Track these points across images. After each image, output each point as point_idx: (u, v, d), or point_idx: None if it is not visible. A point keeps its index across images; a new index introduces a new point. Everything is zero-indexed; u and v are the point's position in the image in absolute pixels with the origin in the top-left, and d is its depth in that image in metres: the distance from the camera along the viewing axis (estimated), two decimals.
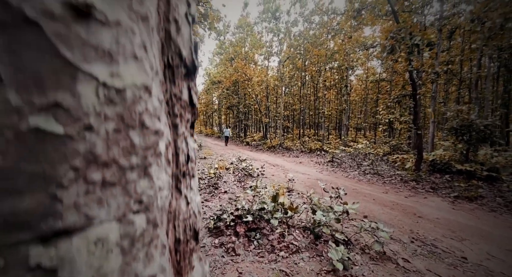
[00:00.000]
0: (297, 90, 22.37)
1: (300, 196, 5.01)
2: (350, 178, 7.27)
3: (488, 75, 10.70)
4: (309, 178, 6.91)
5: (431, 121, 7.71)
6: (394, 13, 5.95)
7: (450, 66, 12.17)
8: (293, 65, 20.15)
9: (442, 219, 3.89)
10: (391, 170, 7.80)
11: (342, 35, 15.86)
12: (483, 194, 5.19)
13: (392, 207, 4.43)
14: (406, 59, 5.45)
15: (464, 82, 14.14)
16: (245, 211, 3.32)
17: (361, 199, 4.88)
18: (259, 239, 2.99)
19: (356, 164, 9.31)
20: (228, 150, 13.94)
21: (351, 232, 3.21)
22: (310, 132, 22.71)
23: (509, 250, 2.88)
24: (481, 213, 4.29)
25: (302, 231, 3.22)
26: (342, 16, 15.15)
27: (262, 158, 11.16)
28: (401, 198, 5.12)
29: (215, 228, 3.30)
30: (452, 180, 6.42)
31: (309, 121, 25.05)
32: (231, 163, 7.89)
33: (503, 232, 3.43)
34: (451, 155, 6.93)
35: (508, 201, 4.77)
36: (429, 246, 2.90)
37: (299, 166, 9.25)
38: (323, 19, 16.79)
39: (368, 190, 5.67)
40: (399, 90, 10.10)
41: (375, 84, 19.48)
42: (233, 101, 23.15)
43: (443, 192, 5.58)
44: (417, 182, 6.33)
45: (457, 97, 14.74)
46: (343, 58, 15.74)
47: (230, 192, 5.18)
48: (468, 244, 3.00)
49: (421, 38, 5.33)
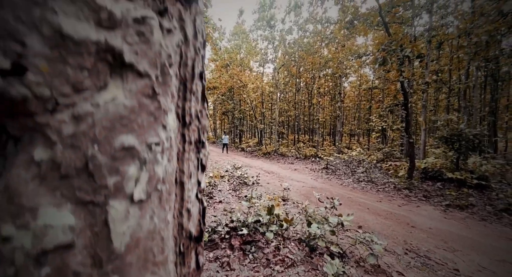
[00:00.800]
0: (292, 96, 22.61)
1: (295, 205, 5.01)
2: (345, 185, 7.33)
3: (475, 84, 11.07)
4: (304, 186, 6.93)
5: (422, 129, 7.89)
6: (385, 25, 6.14)
7: (440, 75, 12.56)
8: (288, 72, 20.42)
9: (435, 229, 3.94)
10: (385, 178, 7.90)
11: (335, 43, 16.23)
12: (473, 202, 5.30)
13: (386, 217, 4.47)
14: (398, 70, 5.61)
15: (453, 90, 14.59)
16: (240, 223, 3.31)
17: (355, 209, 4.91)
18: (254, 253, 2.97)
19: (350, 171, 9.40)
20: (223, 157, 13.89)
21: (346, 244, 3.22)
22: (305, 137, 22.89)
23: (499, 260, 2.94)
24: (472, 222, 4.37)
25: (298, 243, 3.21)
26: (336, 25, 15.54)
27: (257, 165, 11.16)
28: (394, 207, 5.18)
29: (210, 241, 3.26)
30: (443, 188, 6.54)
31: (304, 127, 25.28)
32: (226, 171, 7.86)
33: (493, 241, 3.50)
34: (442, 163, 7.08)
35: (497, 209, 4.88)
36: (422, 258, 2.93)
37: (294, 174, 9.27)
38: (317, 27, 17.15)
39: (363, 199, 5.72)
40: (391, 100, 10.36)
41: (367, 92, 19.87)
42: (228, 107, 23.21)
43: (435, 200, 5.68)
44: (410, 190, 6.42)
45: (446, 105, 15.16)
46: (336, 66, 16.07)
47: (225, 202, 5.14)
48: (460, 255, 3.04)
49: (411, 50, 5.50)
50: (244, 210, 3.77)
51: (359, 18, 8.16)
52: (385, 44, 5.26)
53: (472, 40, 4.72)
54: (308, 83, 19.86)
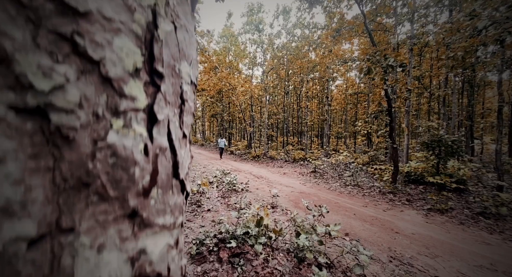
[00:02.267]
0: (281, 99, 22.81)
1: (284, 213, 5.03)
2: (332, 190, 7.46)
3: (453, 90, 11.67)
4: (293, 192, 6.99)
5: (406, 134, 8.20)
6: (370, 35, 6.36)
7: (421, 81, 13.13)
8: (277, 75, 20.60)
9: (417, 234, 4.09)
10: (370, 182, 8.12)
11: (322, 48, 16.56)
12: (452, 206, 5.55)
13: (371, 223, 4.59)
14: (382, 79, 5.81)
15: (433, 95, 15.30)
16: (229, 234, 3.28)
17: (342, 214, 5.01)
18: (243, 265, 2.95)
19: (337, 175, 9.59)
20: (212, 161, 13.75)
21: (333, 253, 3.27)
22: (294, 140, 23.15)
23: (477, 266, 3.09)
24: (451, 226, 4.57)
25: (286, 253, 3.23)
26: (323, 30, 15.88)
27: (247, 169, 11.13)
28: (379, 211, 5.33)
29: (198, 254, 3.20)
30: (425, 191, 6.82)
31: (293, 129, 25.56)
32: (215, 177, 7.78)
33: (471, 246, 3.68)
34: (424, 167, 7.38)
35: (474, 213, 5.15)
36: (406, 266, 3.03)
37: (283, 178, 9.33)
38: (305, 32, 17.44)
39: (349, 204, 5.84)
40: (375, 106, 10.70)
41: (354, 96, 20.41)
42: (217, 109, 23.05)
43: (417, 204, 5.90)
44: (394, 194, 6.64)
45: (428, 109, 15.85)
46: (324, 70, 16.39)
47: (213, 211, 5.08)
48: (441, 261, 3.17)
49: (394, 60, 5.71)
50: (233, 221, 3.74)
51: (345, 28, 8.38)
52: (369, 54, 5.45)
53: (449, 55, 5.00)
54: (297, 87, 20.11)
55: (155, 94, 0.29)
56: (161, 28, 0.29)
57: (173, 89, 0.32)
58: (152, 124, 0.28)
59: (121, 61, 0.25)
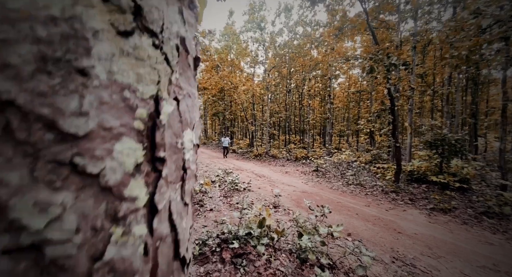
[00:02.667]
0: (282, 97, 22.74)
1: (286, 212, 5.05)
2: (334, 189, 7.46)
3: (457, 88, 11.55)
4: (295, 191, 7.00)
5: (409, 133, 8.15)
6: (373, 34, 6.30)
7: (424, 78, 13.00)
8: (279, 73, 20.51)
9: (420, 234, 4.09)
10: (373, 181, 8.10)
11: (324, 46, 16.45)
12: (455, 205, 5.53)
13: (374, 222, 4.59)
14: (384, 77, 5.77)
15: (437, 92, 15.15)
16: (232, 235, 3.30)
17: (345, 214, 5.01)
18: (246, 266, 2.97)
19: (339, 174, 9.57)
20: (214, 159, 13.79)
21: (335, 254, 3.28)
22: (296, 138, 23.11)
23: (480, 267, 3.08)
24: (454, 226, 4.56)
25: (289, 254, 3.24)
26: (325, 28, 15.75)
27: (249, 168, 11.15)
28: (382, 211, 5.32)
29: (200, 255, 3.23)
30: (428, 190, 6.79)
31: (295, 127, 25.50)
32: (217, 176, 7.81)
33: (474, 247, 3.67)
34: (427, 166, 7.34)
35: (478, 212, 5.12)
36: (408, 267, 3.03)
37: (285, 177, 9.34)
38: (307, 30, 17.32)
39: (352, 203, 5.84)
40: (378, 105, 10.64)
41: (356, 94, 20.30)
42: (219, 108, 23.06)
43: (420, 203, 5.88)
44: (397, 193, 6.62)
45: (431, 107, 15.71)
46: (326, 68, 16.31)
47: (216, 210, 5.11)
48: (444, 262, 3.17)
49: (397, 58, 5.66)
50: (235, 221, 3.76)
51: (347, 26, 8.31)
52: (372, 53, 5.40)
53: (453, 53, 4.94)
54: (299, 85, 20.03)
55: (157, 181, 0.28)
56: (164, 112, 0.29)
57: (175, 165, 0.31)
58: (153, 215, 0.27)
59: (121, 165, 0.24)
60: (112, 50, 0.23)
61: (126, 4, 0.24)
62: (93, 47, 0.22)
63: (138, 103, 0.26)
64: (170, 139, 0.30)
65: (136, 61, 0.25)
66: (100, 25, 0.22)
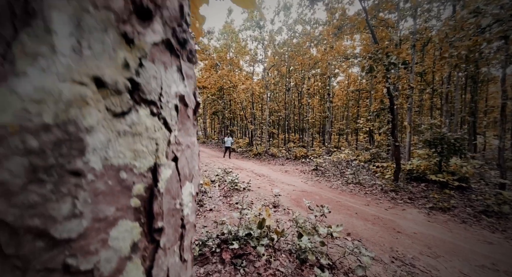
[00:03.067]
0: (282, 95, 22.72)
1: (286, 212, 5.05)
2: (334, 188, 7.47)
3: (456, 86, 11.55)
4: (294, 190, 7.01)
5: (408, 132, 8.15)
6: (372, 33, 6.27)
7: (424, 76, 12.98)
8: (278, 72, 20.47)
9: (419, 233, 4.10)
10: (372, 179, 8.12)
11: (324, 44, 16.41)
12: (455, 204, 5.55)
13: (373, 222, 4.60)
14: (384, 76, 5.76)
15: (436, 91, 15.16)
16: (231, 235, 3.30)
17: (344, 213, 5.02)
18: (245, 267, 2.98)
19: (339, 172, 9.59)
20: (213, 159, 13.79)
21: (335, 254, 3.29)
22: (295, 137, 23.12)
23: (478, 266, 3.10)
24: (453, 225, 4.58)
25: (288, 254, 3.25)
26: (324, 26, 15.70)
27: (248, 167, 11.16)
28: (381, 210, 5.34)
29: (200, 255, 3.24)
30: (427, 189, 6.81)
31: (294, 126, 25.51)
32: (217, 175, 7.81)
33: (473, 246, 3.68)
34: (426, 165, 7.36)
35: (477, 211, 5.14)
36: (407, 266, 3.04)
37: (285, 176, 9.35)
38: (306, 28, 17.26)
39: (351, 203, 5.85)
40: (377, 104, 10.64)
41: (356, 93, 20.29)
42: (219, 107, 23.01)
43: (419, 202, 5.90)
44: (396, 192, 6.64)
45: (430, 105, 15.72)
46: (325, 67, 16.27)
47: (215, 210, 5.12)
48: (443, 262, 3.18)
49: (396, 57, 5.65)
50: (235, 222, 3.77)
51: (346, 25, 8.28)
52: (371, 52, 5.38)
53: (453, 53, 4.92)
54: (298, 84, 20.00)
55: (154, 253, 0.26)
56: (162, 179, 0.27)
57: (174, 227, 0.30)
58: None
59: (117, 251, 0.22)
60: (108, 136, 0.22)
61: (122, 85, 0.23)
62: (88, 144, 0.21)
63: (135, 180, 0.24)
64: (168, 204, 0.29)
65: (133, 138, 0.25)
66: (96, 118, 0.21)
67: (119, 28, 0.23)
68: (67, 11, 0.20)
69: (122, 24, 0.23)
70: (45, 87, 0.19)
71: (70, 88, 0.20)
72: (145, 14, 0.26)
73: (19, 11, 0.18)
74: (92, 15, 0.21)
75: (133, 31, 0.25)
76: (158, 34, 0.28)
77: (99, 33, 0.22)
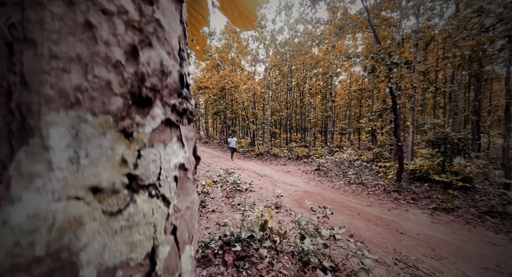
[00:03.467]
0: (283, 95, 22.68)
1: (288, 213, 5.05)
2: (336, 188, 7.45)
3: (460, 85, 11.45)
4: (296, 191, 7.00)
5: (411, 132, 8.10)
6: (374, 32, 6.23)
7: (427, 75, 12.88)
8: (279, 71, 20.43)
9: (422, 235, 4.08)
10: (375, 180, 8.08)
11: (325, 44, 16.34)
12: (458, 205, 5.50)
13: (376, 223, 4.58)
14: (386, 76, 5.73)
15: (439, 89, 15.04)
16: (234, 237, 3.31)
17: (347, 214, 5.00)
18: (248, 269, 2.98)
19: (341, 172, 9.56)
20: (215, 159, 13.81)
21: (338, 255, 3.29)
22: (297, 136, 23.07)
23: (482, 268, 3.07)
24: (457, 226, 4.54)
25: (291, 256, 3.25)
26: (326, 25, 15.63)
27: (250, 167, 11.16)
28: (384, 211, 5.31)
29: (203, 257, 3.25)
30: (430, 189, 6.76)
31: (296, 126, 25.46)
32: (219, 176, 7.83)
33: (477, 247, 3.65)
34: (429, 164, 7.30)
35: (481, 212, 5.10)
36: (411, 269, 3.02)
37: (287, 176, 9.34)
38: (308, 28, 17.19)
39: (353, 203, 5.83)
40: (380, 104, 10.58)
41: (358, 92, 20.19)
42: (220, 107, 23.03)
43: (422, 203, 5.86)
44: (399, 192, 6.60)
45: (433, 104, 15.59)
46: (327, 66, 16.21)
47: (218, 211, 5.13)
48: (446, 264, 3.16)
49: (399, 57, 5.61)
50: (238, 223, 3.77)
51: (348, 24, 8.24)
52: (373, 52, 5.35)
53: (456, 53, 4.88)
54: (300, 83, 19.95)
55: None
56: (160, 259, 0.26)
57: None
58: None
59: None
60: (103, 242, 0.21)
61: (119, 184, 0.23)
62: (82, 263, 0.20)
63: (132, 273, 0.23)
64: None
65: (130, 231, 0.23)
66: (92, 232, 0.21)
67: (118, 126, 0.23)
68: (65, 124, 0.20)
69: (120, 121, 0.23)
70: (39, 212, 0.18)
71: (65, 207, 0.19)
72: (145, 102, 0.25)
73: (16, 129, 0.18)
74: (90, 123, 0.21)
75: (132, 124, 0.24)
76: (158, 118, 0.27)
77: (96, 139, 0.21)
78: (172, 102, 0.29)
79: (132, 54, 0.24)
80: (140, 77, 0.25)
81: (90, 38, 0.21)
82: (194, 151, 0.36)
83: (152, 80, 0.26)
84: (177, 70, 0.30)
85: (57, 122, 0.19)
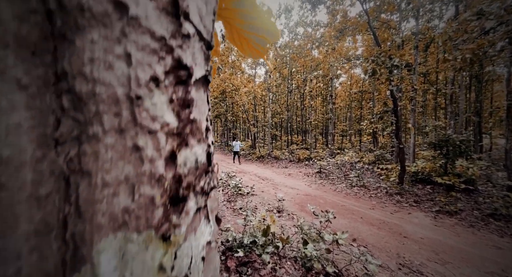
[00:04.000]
0: (284, 98, 22.71)
1: (290, 217, 5.03)
2: (338, 191, 7.42)
3: (461, 86, 11.43)
4: (298, 194, 6.97)
5: (412, 133, 8.08)
6: (374, 35, 6.26)
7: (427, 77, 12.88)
8: (280, 74, 20.48)
9: (426, 238, 4.05)
10: (377, 182, 8.05)
11: (325, 46, 16.39)
12: (461, 207, 5.46)
13: (379, 227, 4.55)
14: (387, 79, 5.73)
15: (440, 91, 15.02)
16: (236, 242, 3.29)
17: (349, 218, 4.98)
18: (251, 275, 2.96)
19: (343, 175, 9.52)
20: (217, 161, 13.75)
21: (341, 261, 3.26)
22: (298, 138, 23.06)
23: (488, 273, 3.04)
24: (461, 229, 4.51)
25: (294, 262, 3.23)
26: (325, 28, 15.69)
27: (251, 170, 11.15)
28: (387, 214, 5.28)
29: None
30: (433, 192, 6.72)
31: (297, 128, 25.45)
32: (220, 179, 7.81)
33: (481, 251, 3.62)
34: (431, 166, 7.27)
35: (485, 214, 5.06)
36: (415, 273, 3.00)
37: (288, 179, 9.32)
38: (307, 30, 17.27)
39: (356, 206, 5.80)
40: (381, 106, 10.58)
41: (358, 94, 20.20)
42: (221, 110, 23.08)
43: (425, 205, 5.83)
44: (401, 195, 6.57)
45: (434, 105, 15.56)
46: (327, 68, 16.24)
47: (220, 215, 5.10)
48: (451, 268, 3.13)
49: (399, 60, 5.62)
50: (240, 228, 3.76)
51: (348, 27, 8.28)
52: (374, 55, 5.37)
53: (457, 56, 4.89)
54: (300, 86, 19.98)
55: None
56: None
57: None
58: None
59: None
60: None
61: None
62: None
63: None
64: None
65: None
66: None
67: (157, 234, 0.23)
68: (113, 247, 0.20)
69: (160, 227, 0.23)
70: None
71: None
72: (180, 200, 0.25)
73: (69, 258, 0.18)
74: (135, 242, 0.21)
75: (169, 228, 0.24)
76: (191, 211, 0.27)
77: (140, 255, 0.21)
78: (201, 186, 0.28)
79: (170, 159, 0.24)
80: (178, 179, 0.25)
81: (136, 159, 0.21)
82: (216, 218, 0.35)
83: (188, 179, 0.26)
84: (205, 150, 0.29)
85: (106, 247, 0.20)
